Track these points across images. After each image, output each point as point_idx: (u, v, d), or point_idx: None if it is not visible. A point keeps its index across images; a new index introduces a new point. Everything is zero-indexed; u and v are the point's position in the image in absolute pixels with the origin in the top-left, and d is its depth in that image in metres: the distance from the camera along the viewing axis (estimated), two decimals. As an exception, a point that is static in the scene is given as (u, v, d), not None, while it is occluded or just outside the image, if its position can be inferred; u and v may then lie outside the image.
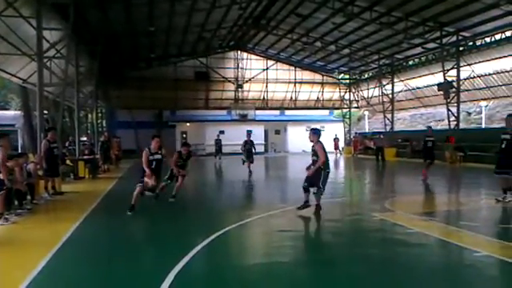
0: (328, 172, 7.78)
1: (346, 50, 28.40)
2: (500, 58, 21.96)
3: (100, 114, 27.70)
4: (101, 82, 25.49)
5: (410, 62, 27.90)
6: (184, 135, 33.40)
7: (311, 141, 7.95)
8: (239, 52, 33.75)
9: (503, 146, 8.40)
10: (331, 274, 4.73)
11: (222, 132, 30.25)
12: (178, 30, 24.35)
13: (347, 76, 35.93)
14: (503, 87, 23.57)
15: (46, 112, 19.86)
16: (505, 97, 25.06)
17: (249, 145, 16.78)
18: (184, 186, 9.75)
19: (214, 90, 34.57)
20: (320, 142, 7.86)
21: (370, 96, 33.26)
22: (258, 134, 34.67)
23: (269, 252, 5.76)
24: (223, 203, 10.27)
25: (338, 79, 36.20)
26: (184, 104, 33.59)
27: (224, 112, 34.42)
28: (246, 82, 34.35)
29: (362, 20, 21.85)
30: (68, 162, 15.13)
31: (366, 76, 33.42)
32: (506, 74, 22.63)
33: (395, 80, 28.97)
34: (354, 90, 35.80)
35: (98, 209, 8.98)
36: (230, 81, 34.20)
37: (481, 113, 28.28)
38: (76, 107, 19.35)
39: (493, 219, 7.53)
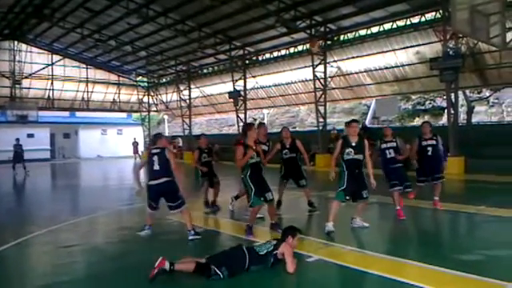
0: None
1: (143, 53, 27.97)
2: (277, 72, 25.62)
3: None
4: None
5: (205, 70, 29.61)
6: None
7: None
8: (16, 42, 28.82)
9: (286, 156, 8.04)
10: (125, 282, 4.40)
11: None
12: None
13: (145, 79, 35.39)
14: (280, 98, 27.69)
15: None
16: (282, 106, 29.56)
17: None
18: None
19: (-18, 86, 28.52)
20: None
21: (168, 100, 33.67)
22: (43, 138, 30.64)
23: (50, 271, 4.98)
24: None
25: (136, 81, 35.26)
26: None
27: (-4, 112, 28.76)
28: (26, 77, 29.58)
29: (157, 24, 21.89)
30: None
31: (165, 80, 33.70)
32: (283, 86, 26.64)
33: (192, 86, 30.23)
34: (152, 94, 35.51)
35: None
36: (4, 75, 28.80)
37: (264, 119, 32.47)
38: None
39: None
